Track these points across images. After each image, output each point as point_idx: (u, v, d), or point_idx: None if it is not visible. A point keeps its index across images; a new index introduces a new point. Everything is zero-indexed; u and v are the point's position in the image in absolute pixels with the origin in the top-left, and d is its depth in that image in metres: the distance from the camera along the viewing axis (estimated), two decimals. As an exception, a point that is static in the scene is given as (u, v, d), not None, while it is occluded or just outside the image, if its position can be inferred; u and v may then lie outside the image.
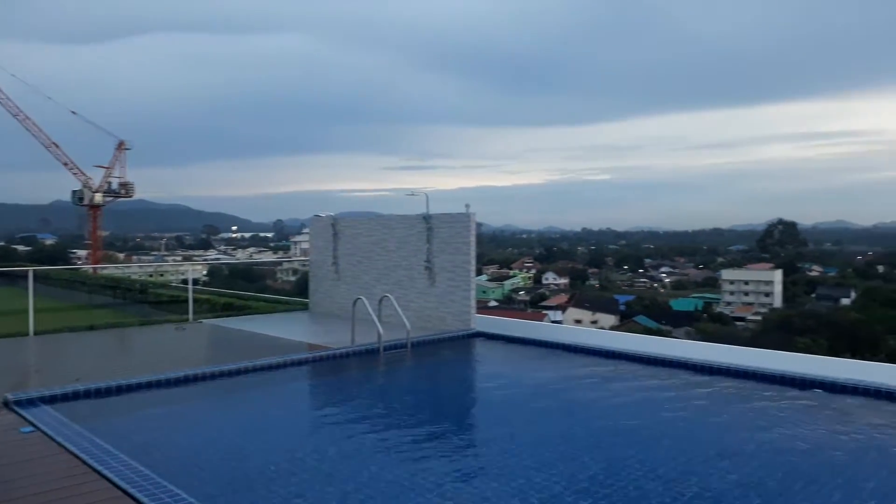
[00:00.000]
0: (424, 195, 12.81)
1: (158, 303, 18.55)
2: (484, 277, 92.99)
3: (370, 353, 9.18)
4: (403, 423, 6.39)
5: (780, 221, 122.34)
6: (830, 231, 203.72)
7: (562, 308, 68.91)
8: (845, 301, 65.27)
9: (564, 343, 9.56)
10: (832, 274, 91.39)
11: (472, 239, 10.93)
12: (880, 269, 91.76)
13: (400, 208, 12.55)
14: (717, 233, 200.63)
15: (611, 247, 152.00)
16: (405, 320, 9.61)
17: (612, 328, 52.53)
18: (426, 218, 11.46)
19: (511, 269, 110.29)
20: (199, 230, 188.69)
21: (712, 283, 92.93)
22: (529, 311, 67.41)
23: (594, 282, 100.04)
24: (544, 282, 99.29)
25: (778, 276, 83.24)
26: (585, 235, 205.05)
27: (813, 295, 74.97)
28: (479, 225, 11.18)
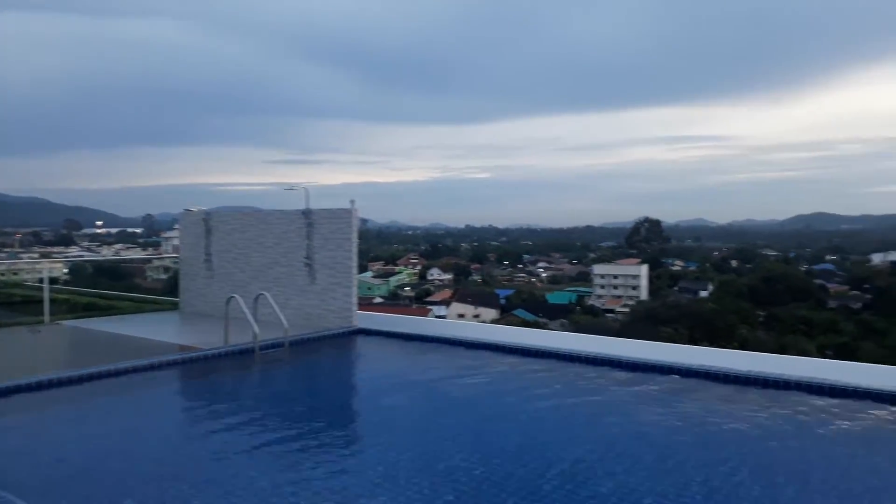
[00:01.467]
0: (304, 189, 12.57)
1: (10, 304, 16.97)
2: (369, 274, 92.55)
3: (244, 354, 8.88)
4: (277, 426, 6.24)
5: (647, 219, 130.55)
6: (691, 228, 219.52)
7: (446, 303, 69.84)
8: (704, 293, 70.58)
9: (445, 337, 9.68)
10: (692, 268, 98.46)
11: (354, 235, 10.83)
12: (734, 263, 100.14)
13: (281, 203, 12.22)
14: (589, 230, 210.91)
15: (492, 243, 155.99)
16: (283, 319, 9.38)
17: (493, 321, 53.92)
18: (306, 213, 11.24)
19: (397, 265, 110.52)
20: (60, 225, 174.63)
21: (585, 278, 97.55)
22: (415, 306, 67.83)
23: (477, 277, 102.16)
24: (429, 277, 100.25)
25: (644, 270, 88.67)
26: (469, 232, 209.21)
27: (675, 288, 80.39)
28: (364, 221, 11.12)
